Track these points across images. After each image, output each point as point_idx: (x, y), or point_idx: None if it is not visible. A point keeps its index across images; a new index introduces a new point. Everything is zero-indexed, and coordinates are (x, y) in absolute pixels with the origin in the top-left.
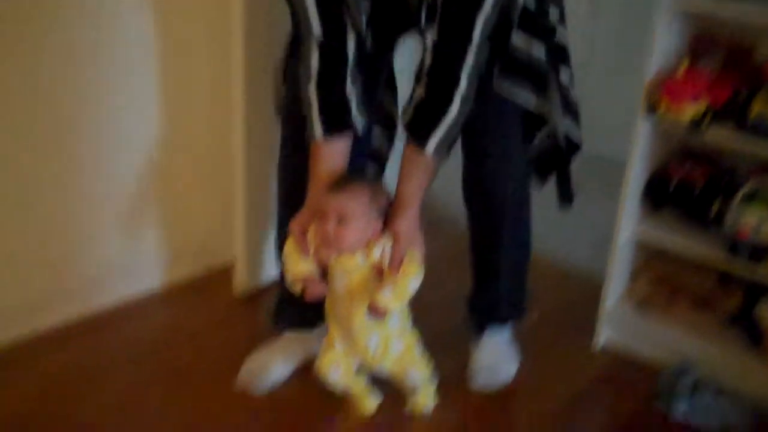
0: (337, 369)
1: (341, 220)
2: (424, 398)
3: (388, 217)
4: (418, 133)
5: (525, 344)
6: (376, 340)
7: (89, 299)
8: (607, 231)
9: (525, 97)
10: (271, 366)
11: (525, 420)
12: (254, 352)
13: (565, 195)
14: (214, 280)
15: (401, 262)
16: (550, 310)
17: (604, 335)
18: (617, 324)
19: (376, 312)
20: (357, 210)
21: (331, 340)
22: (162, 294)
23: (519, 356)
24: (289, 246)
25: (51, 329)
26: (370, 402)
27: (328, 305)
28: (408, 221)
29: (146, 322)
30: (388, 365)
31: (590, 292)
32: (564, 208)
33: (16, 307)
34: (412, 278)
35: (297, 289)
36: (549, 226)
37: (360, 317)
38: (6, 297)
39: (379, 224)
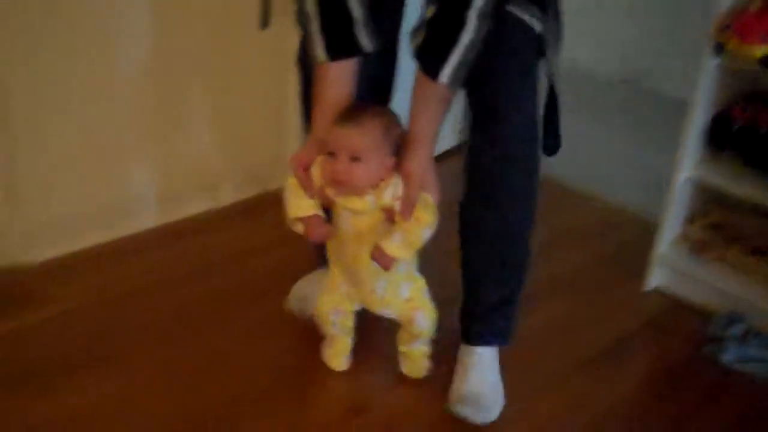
0: (338, 312)
1: (353, 158)
2: (422, 356)
3: (400, 154)
4: (430, 60)
5: (574, 284)
6: (384, 285)
7: (144, 218)
8: (663, 173)
9: (533, 19)
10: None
11: (569, 361)
12: (301, 280)
13: (555, 145)
14: (268, 204)
15: (413, 206)
16: (602, 251)
17: (656, 278)
18: (669, 268)
19: (382, 259)
20: (370, 146)
21: (333, 281)
22: (217, 215)
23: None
24: (291, 182)
25: (117, 241)
26: (346, 359)
27: (331, 246)
28: (421, 161)
29: (201, 241)
30: (394, 309)
31: (643, 234)
32: (551, 155)
33: (87, 217)
34: (424, 227)
35: (298, 229)
36: (602, 166)
37: (367, 261)
38: (74, 206)
39: (391, 161)
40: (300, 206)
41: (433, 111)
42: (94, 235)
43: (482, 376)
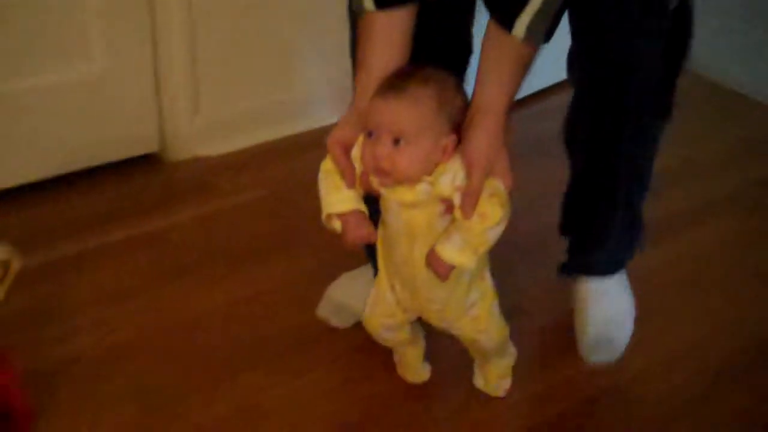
0: (389, 327)
1: (397, 140)
2: (499, 372)
3: (461, 131)
4: (504, 6)
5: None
6: (443, 296)
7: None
8: None
9: None
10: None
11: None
12: (339, 279)
13: (669, 107)
14: None
15: (476, 198)
16: (735, 141)
17: None
18: None
19: (437, 266)
20: (418, 124)
21: (382, 288)
22: None
23: (632, 302)
24: (325, 167)
25: (292, 137)
26: (422, 366)
27: (380, 245)
28: (486, 139)
29: None
30: (455, 324)
31: None
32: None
33: (263, 113)
34: (491, 225)
35: (334, 227)
36: (740, 53)
37: (422, 265)
38: (251, 103)
39: (450, 141)
40: (337, 199)
41: (505, 75)
42: (270, 131)
43: (611, 310)
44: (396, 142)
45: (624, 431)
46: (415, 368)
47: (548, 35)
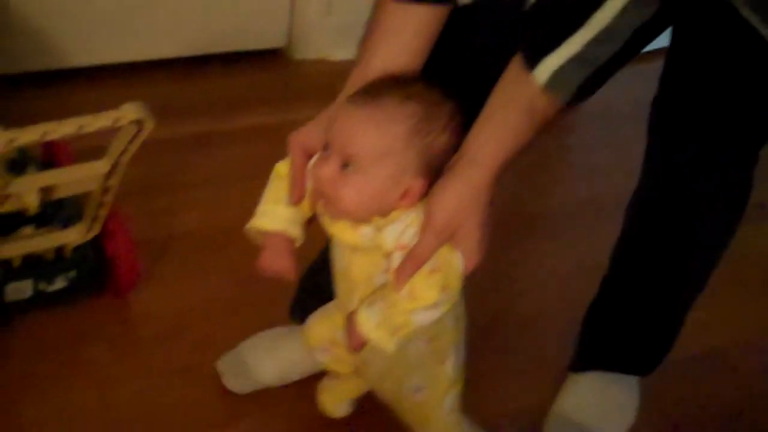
0: (333, 345)
1: (346, 163)
2: None
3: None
4: (534, 38)
5: None
6: (381, 363)
7: None
8: None
9: None
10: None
11: None
12: (248, 340)
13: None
14: None
15: (416, 268)
16: None
17: None
18: None
19: (350, 334)
20: (378, 151)
21: (331, 320)
22: None
23: (636, 407)
24: (280, 170)
25: None
26: (349, 385)
27: (333, 277)
28: (458, 195)
29: None
30: (393, 404)
31: None
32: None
33: None
34: (418, 308)
35: (255, 240)
36: None
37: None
38: None
39: (418, 185)
40: (270, 213)
41: (509, 125)
42: None
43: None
44: (345, 165)
45: None
46: (338, 403)
47: (582, 93)
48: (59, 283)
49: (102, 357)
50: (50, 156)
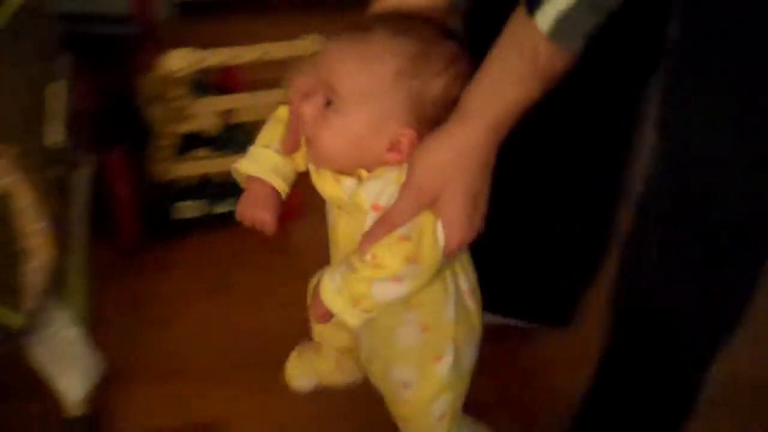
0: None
1: (329, 101)
2: None
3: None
4: None
5: None
6: (369, 341)
7: None
8: None
9: None
10: None
11: None
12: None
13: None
14: None
15: (384, 232)
16: None
17: None
18: None
19: (314, 303)
20: (360, 88)
21: None
22: None
23: None
24: (280, 113)
25: None
26: (326, 363)
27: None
28: (444, 152)
29: None
30: (382, 391)
31: None
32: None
33: None
34: (379, 277)
35: (243, 184)
36: None
37: None
38: None
39: (408, 136)
40: (257, 156)
41: (510, 75)
42: None
43: None
44: (328, 103)
45: None
46: (307, 376)
47: (580, 38)
48: (226, 206)
49: (254, 282)
50: (226, 84)
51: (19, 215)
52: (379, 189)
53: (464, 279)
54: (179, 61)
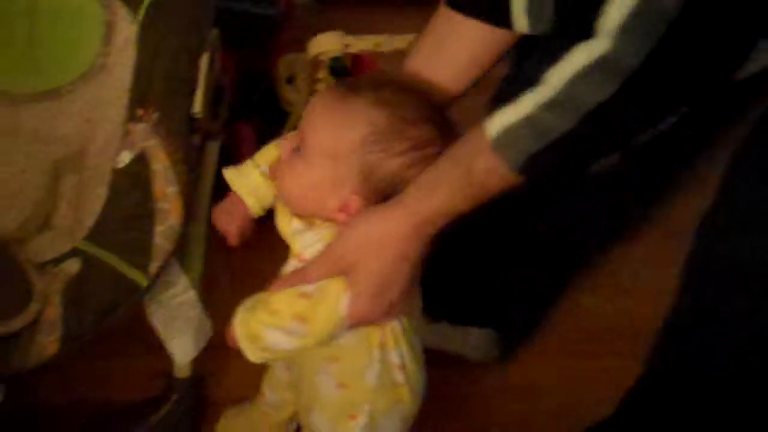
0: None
1: (298, 147)
2: None
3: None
4: (494, 102)
5: None
6: (294, 374)
7: None
8: None
9: None
10: None
11: None
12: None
13: None
14: None
15: (290, 284)
16: None
17: None
18: None
19: (230, 327)
20: (324, 145)
21: None
22: None
23: None
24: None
25: None
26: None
27: None
28: (366, 229)
29: None
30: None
31: None
32: None
33: None
34: (273, 325)
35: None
36: None
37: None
38: None
39: (355, 201)
40: (243, 173)
41: (444, 178)
42: None
43: None
44: (297, 149)
45: None
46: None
47: (536, 171)
48: None
49: None
50: (354, 71)
51: (153, 178)
52: (310, 242)
53: (396, 354)
54: (328, 44)
